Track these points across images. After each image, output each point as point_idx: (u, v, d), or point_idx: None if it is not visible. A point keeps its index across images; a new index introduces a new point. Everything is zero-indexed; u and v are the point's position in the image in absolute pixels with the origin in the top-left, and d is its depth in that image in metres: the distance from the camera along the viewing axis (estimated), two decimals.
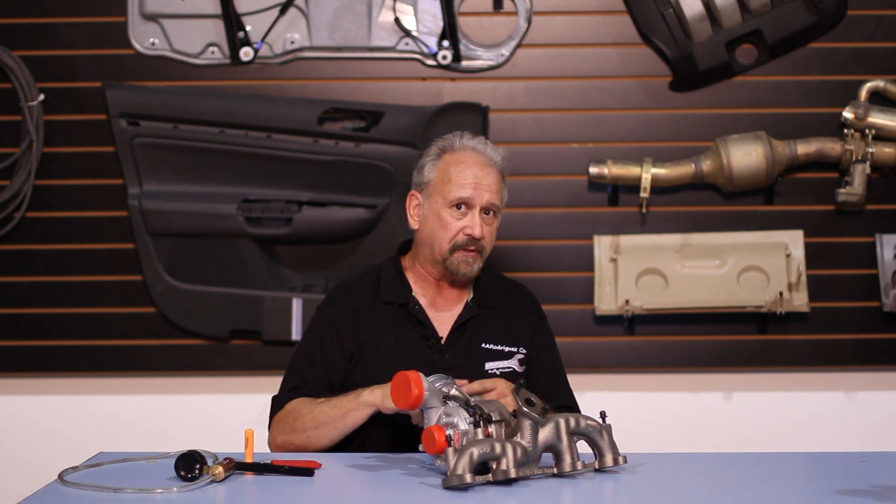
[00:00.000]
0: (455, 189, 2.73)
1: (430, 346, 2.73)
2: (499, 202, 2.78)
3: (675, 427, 3.76)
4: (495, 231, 2.81)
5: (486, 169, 2.76)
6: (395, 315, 2.76)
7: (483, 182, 2.74)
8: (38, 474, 3.10)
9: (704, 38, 3.64)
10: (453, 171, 2.75)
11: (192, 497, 2.23)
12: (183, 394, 3.78)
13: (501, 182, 2.80)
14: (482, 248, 2.76)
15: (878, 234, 3.70)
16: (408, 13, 3.69)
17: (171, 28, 3.69)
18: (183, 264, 3.69)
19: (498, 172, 2.79)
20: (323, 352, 2.75)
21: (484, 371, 2.73)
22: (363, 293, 2.80)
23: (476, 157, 2.77)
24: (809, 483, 2.46)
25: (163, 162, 3.67)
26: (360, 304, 2.78)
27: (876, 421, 3.76)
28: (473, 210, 2.73)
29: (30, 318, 3.74)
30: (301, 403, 2.69)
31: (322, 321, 2.79)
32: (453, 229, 2.73)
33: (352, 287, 2.83)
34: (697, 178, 3.67)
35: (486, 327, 2.79)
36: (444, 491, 2.24)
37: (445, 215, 2.74)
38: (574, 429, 2.36)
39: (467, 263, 2.74)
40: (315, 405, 2.65)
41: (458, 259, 2.74)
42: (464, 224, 2.73)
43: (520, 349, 2.81)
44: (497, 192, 2.77)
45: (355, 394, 2.60)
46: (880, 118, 3.63)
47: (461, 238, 2.73)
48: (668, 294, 3.67)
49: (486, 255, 2.78)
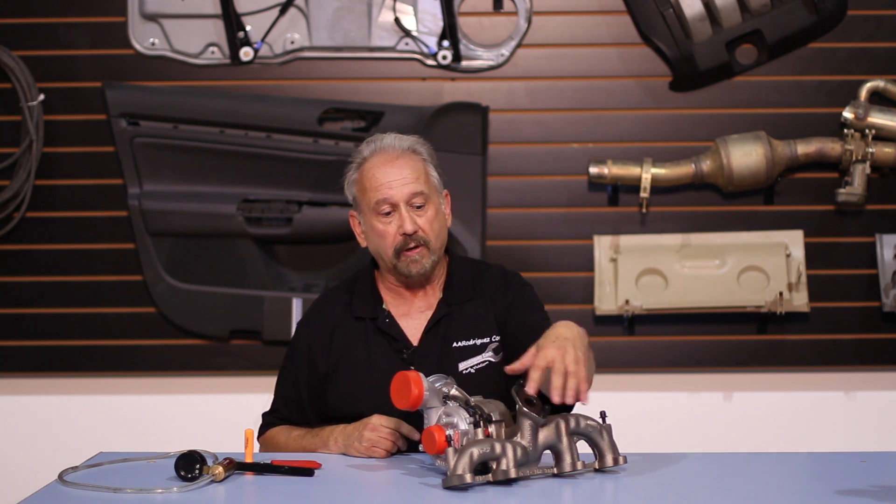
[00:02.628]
0: (373, 194, 2.66)
1: (403, 359, 2.69)
2: (423, 188, 2.67)
3: (675, 427, 3.76)
4: (436, 218, 2.69)
5: (396, 162, 2.67)
6: (366, 330, 2.71)
7: (396, 177, 2.66)
8: (38, 474, 3.11)
9: (704, 38, 3.64)
10: (367, 178, 2.68)
11: (192, 497, 2.23)
12: (183, 394, 3.78)
13: (423, 167, 2.70)
14: (424, 240, 2.66)
15: (878, 234, 3.70)
16: (408, 13, 3.69)
17: (171, 28, 3.69)
18: (183, 264, 3.69)
19: (414, 159, 2.69)
20: (296, 375, 2.75)
21: (458, 373, 2.65)
22: (336, 310, 2.75)
23: (384, 156, 2.69)
24: (809, 483, 2.46)
25: (163, 162, 3.67)
26: (332, 322, 2.73)
27: (876, 421, 3.76)
28: (398, 208, 2.65)
29: (30, 318, 3.74)
30: (278, 433, 2.74)
31: (296, 343, 2.79)
32: (389, 234, 2.66)
33: (326, 303, 2.79)
34: (697, 178, 3.67)
35: (457, 325, 2.71)
36: (444, 491, 2.24)
37: (377, 223, 2.67)
38: (574, 429, 2.36)
39: (416, 262, 2.67)
40: (290, 439, 2.70)
41: (405, 261, 2.66)
42: (396, 225, 2.66)
43: (492, 338, 2.70)
44: (416, 179, 2.67)
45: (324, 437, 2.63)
46: (880, 118, 3.63)
47: (399, 240, 2.66)
48: (668, 294, 3.67)
49: (434, 246, 2.68)
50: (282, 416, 2.76)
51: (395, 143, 2.71)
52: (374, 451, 2.52)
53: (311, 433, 2.67)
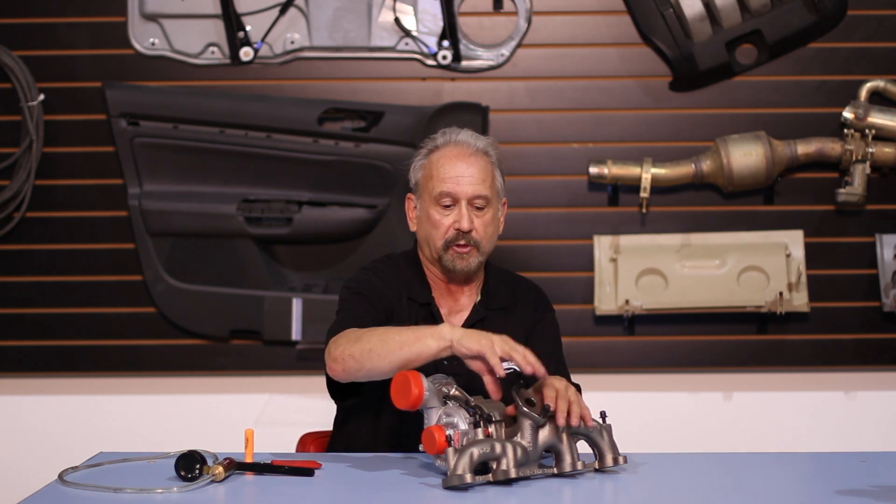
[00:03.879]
0: (438, 184, 2.69)
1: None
2: (487, 192, 2.70)
3: (675, 427, 3.76)
4: (492, 223, 2.73)
5: (468, 160, 2.70)
6: (415, 313, 2.72)
7: (465, 174, 2.68)
8: (38, 474, 3.11)
9: (704, 38, 3.64)
10: (436, 167, 2.70)
11: (192, 497, 2.23)
12: (183, 394, 3.78)
13: (491, 170, 2.72)
14: (476, 241, 2.69)
15: (878, 234, 3.70)
16: (408, 13, 3.69)
17: (171, 28, 3.69)
18: (183, 264, 3.69)
19: (484, 161, 2.71)
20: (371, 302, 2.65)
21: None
22: (396, 281, 2.73)
23: (457, 150, 2.71)
24: (809, 483, 2.46)
25: (163, 162, 3.67)
26: (394, 289, 2.71)
27: (876, 421, 3.76)
28: (460, 204, 2.68)
29: (30, 318, 3.74)
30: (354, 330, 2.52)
31: (368, 281, 2.69)
32: (443, 226, 2.69)
33: (387, 270, 2.75)
34: (697, 178, 3.68)
35: (491, 330, 2.74)
36: (444, 491, 2.24)
37: (434, 213, 2.70)
38: (574, 429, 2.36)
39: (462, 258, 2.69)
40: (383, 328, 2.50)
41: (451, 255, 2.69)
42: (452, 219, 2.68)
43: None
44: (483, 181, 2.69)
45: (431, 326, 2.45)
46: (880, 118, 3.63)
47: (451, 234, 2.68)
48: (668, 294, 3.67)
49: (484, 249, 2.72)
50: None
51: (469, 141, 2.73)
52: (506, 352, 2.35)
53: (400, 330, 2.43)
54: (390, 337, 2.42)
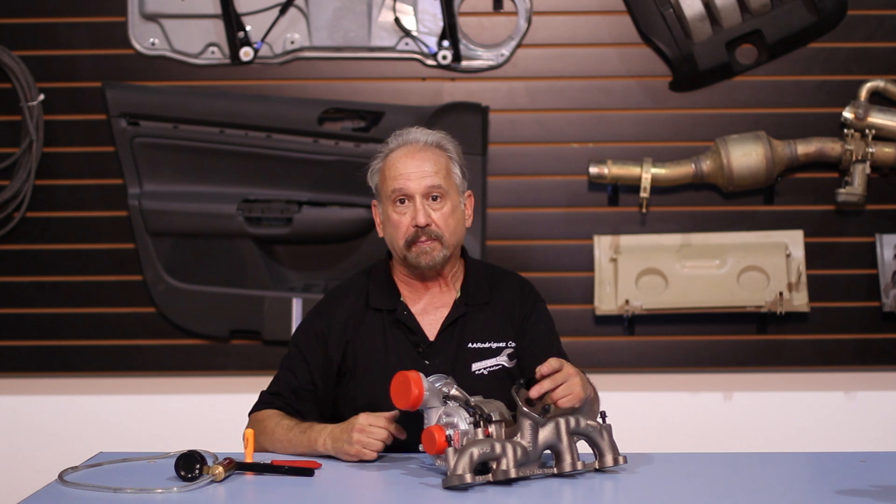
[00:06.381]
0: (391, 184, 2.68)
1: (419, 353, 2.70)
2: (441, 182, 2.67)
3: (675, 427, 3.76)
4: (452, 214, 2.69)
5: (418, 155, 2.68)
6: (384, 322, 2.72)
7: (417, 169, 2.67)
8: (38, 474, 3.11)
9: (704, 38, 3.64)
10: (388, 168, 2.70)
11: (192, 497, 2.23)
12: (183, 394, 3.78)
13: (445, 163, 2.70)
14: (437, 234, 2.67)
15: (878, 234, 3.70)
16: (408, 13, 3.69)
17: (171, 28, 3.70)
18: (183, 264, 3.69)
19: (436, 154, 2.70)
20: (308, 366, 2.73)
21: (470, 373, 2.66)
22: (352, 301, 2.76)
23: (407, 148, 2.70)
24: (809, 483, 2.46)
25: (163, 162, 3.67)
26: (349, 313, 2.74)
27: (876, 421, 3.76)
28: (414, 200, 2.66)
29: (30, 318, 3.74)
30: (270, 417, 2.69)
31: (308, 330, 2.77)
32: (403, 225, 2.67)
33: (341, 294, 2.79)
34: (697, 178, 3.68)
35: (473, 326, 2.72)
36: (444, 491, 2.24)
37: (392, 214, 2.69)
38: (574, 429, 2.36)
39: (426, 254, 2.67)
40: (280, 427, 2.64)
41: (415, 252, 2.67)
42: (410, 217, 2.67)
43: (508, 343, 2.71)
44: (436, 173, 2.67)
45: (311, 436, 2.58)
46: (880, 118, 3.63)
47: (411, 232, 2.66)
48: (668, 294, 3.67)
49: (448, 241, 2.68)
50: (284, 402, 2.72)
51: (419, 137, 2.73)
52: (365, 454, 2.50)
53: (300, 428, 2.62)
54: (282, 440, 2.62)
